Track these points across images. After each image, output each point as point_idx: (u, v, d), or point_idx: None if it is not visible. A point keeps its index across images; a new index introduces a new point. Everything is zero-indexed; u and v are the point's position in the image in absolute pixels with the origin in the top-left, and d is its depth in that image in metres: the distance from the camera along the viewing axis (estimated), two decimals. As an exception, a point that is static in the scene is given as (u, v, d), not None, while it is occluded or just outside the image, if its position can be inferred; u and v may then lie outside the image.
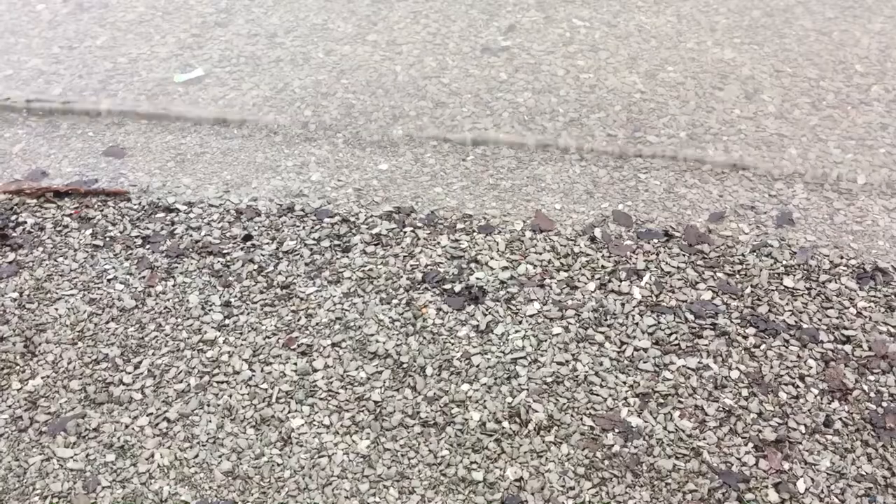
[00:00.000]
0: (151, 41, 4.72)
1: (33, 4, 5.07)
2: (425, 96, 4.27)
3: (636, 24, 4.77)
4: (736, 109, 4.12)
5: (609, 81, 4.33)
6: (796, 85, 4.26)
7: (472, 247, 3.39)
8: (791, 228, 3.47)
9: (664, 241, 3.42)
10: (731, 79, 4.32)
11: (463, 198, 3.68)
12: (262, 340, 3.03)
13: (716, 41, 4.60)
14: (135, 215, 3.60)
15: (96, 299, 3.20)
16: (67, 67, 4.52)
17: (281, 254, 3.39)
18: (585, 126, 4.05)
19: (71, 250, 3.42)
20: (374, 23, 4.87)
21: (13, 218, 3.58)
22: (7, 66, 4.54)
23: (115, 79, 4.43)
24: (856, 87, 4.24)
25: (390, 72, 4.47)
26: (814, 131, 3.97)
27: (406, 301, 3.16)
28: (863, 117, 4.04)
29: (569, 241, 3.42)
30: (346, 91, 4.33)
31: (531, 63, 4.49)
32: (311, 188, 3.75)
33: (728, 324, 3.04)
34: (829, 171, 3.74)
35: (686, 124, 4.04)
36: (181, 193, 3.73)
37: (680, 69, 4.40)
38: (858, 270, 3.25)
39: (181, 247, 3.43)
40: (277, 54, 4.61)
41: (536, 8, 4.93)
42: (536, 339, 3.00)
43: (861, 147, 3.87)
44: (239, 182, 3.79)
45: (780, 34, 4.63)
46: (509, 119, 4.10)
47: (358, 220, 3.55)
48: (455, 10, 4.95)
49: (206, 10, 4.99)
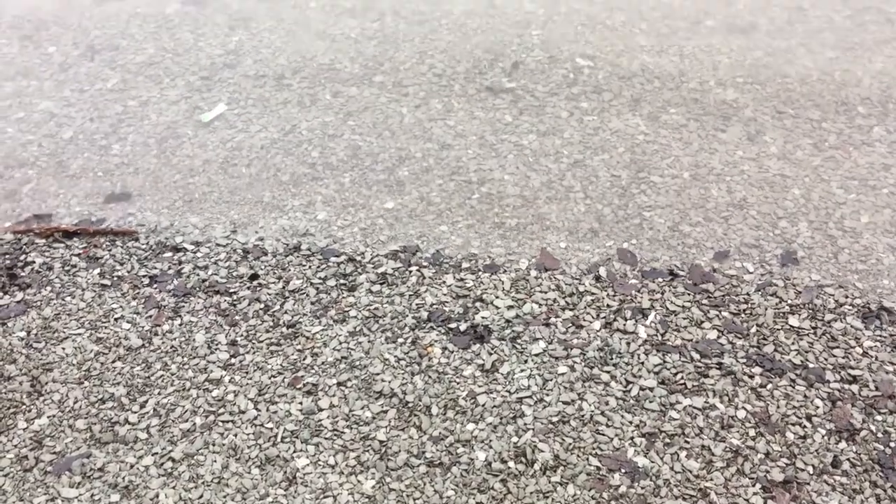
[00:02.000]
0: (161, 84, 4.79)
1: (45, 47, 5.16)
2: (431, 138, 4.32)
3: (640, 64, 4.83)
4: (739, 150, 4.16)
5: (612, 123, 4.37)
6: (798, 126, 4.30)
7: (477, 286, 3.41)
8: (796, 267, 3.47)
9: (669, 279, 3.43)
10: (733, 120, 4.36)
11: (468, 237, 3.70)
12: (267, 380, 3.03)
13: (718, 81, 4.66)
14: (143, 255, 3.63)
15: (103, 338, 3.22)
16: (79, 110, 4.59)
17: (287, 293, 3.41)
18: (589, 167, 4.09)
19: (79, 290, 3.44)
20: (380, 63, 4.94)
21: (22, 257, 3.61)
22: (19, 108, 4.61)
23: (125, 122, 4.49)
24: (858, 127, 4.27)
25: (396, 113, 4.52)
26: (816, 172, 4.00)
27: (412, 340, 3.17)
28: (865, 158, 4.07)
29: (574, 280, 3.43)
30: (352, 132, 4.38)
31: (535, 105, 4.54)
32: (317, 227, 3.78)
33: (734, 363, 3.03)
34: (833, 210, 3.76)
35: (689, 165, 4.07)
36: (189, 233, 3.76)
37: (682, 111, 4.45)
38: (864, 310, 3.25)
39: (188, 286, 3.45)
40: (285, 96, 4.68)
41: (541, 48, 5.00)
42: (542, 378, 2.99)
43: (864, 187, 3.89)
44: (246, 221, 3.83)
45: (782, 74, 4.68)
46: (514, 161, 4.14)
47: (364, 259, 3.57)
48: (460, 51, 5.02)
49: (215, 51, 5.07)
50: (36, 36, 5.22)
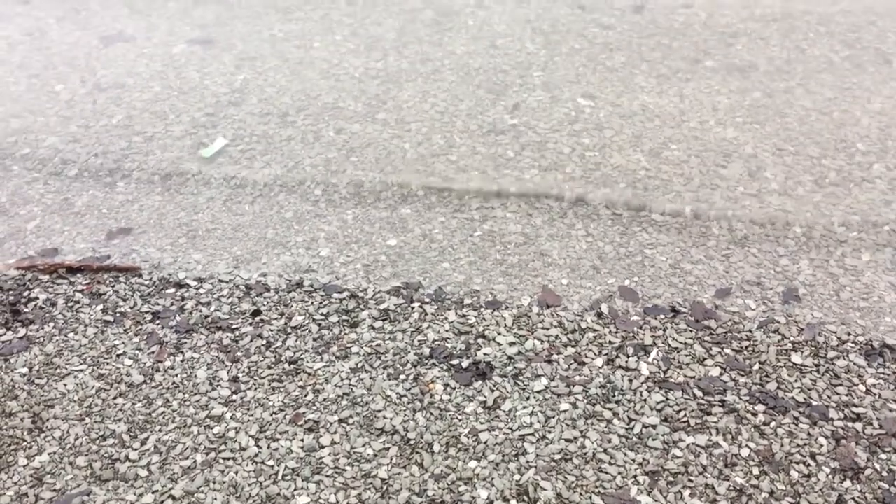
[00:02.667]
0: (166, 120, 4.84)
1: (52, 85, 5.22)
2: (433, 173, 4.35)
3: (640, 104, 4.88)
4: (740, 187, 4.18)
5: (614, 159, 4.41)
6: (799, 163, 4.33)
7: (479, 322, 3.41)
8: (797, 304, 3.48)
9: (671, 316, 3.43)
10: (734, 157, 4.39)
11: (470, 273, 3.71)
12: (269, 416, 3.02)
13: (718, 120, 4.70)
14: (146, 291, 3.64)
15: (105, 375, 3.21)
16: (84, 146, 4.63)
17: (289, 329, 3.41)
18: (591, 204, 4.11)
19: (81, 326, 3.45)
20: (383, 101, 4.99)
21: (26, 293, 3.62)
22: (25, 144, 4.66)
23: (129, 158, 4.54)
24: (857, 164, 4.30)
25: (399, 149, 4.56)
26: (817, 208, 4.02)
27: (414, 377, 3.16)
28: (865, 195, 4.09)
29: (576, 317, 3.43)
30: (355, 168, 4.41)
31: (537, 141, 4.57)
32: (320, 264, 3.79)
33: (737, 401, 3.02)
34: (834, 248, 3.77)
35: (691, 201, 4.09)
36: (192, 269, 3.78)
37: (683, 147, 4.48)
38: (866, 347, 3.25)
39: (190, 322, 3.45)
40: (289, 133, 4.72)
41: (542, 88, 5.05)
42: (544, 415, 2.98)
43: (865, 224, 3.90)
44: (249, 258, 3.84)
45: (782, 114, 4.72)
46: (516, 197, 4.17)
47: (366, 295, 3.58)
48: (463, 90, 5.07)
49: (221, 89, 5.13)
50: (44, 74, 5.29)
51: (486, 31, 5.66)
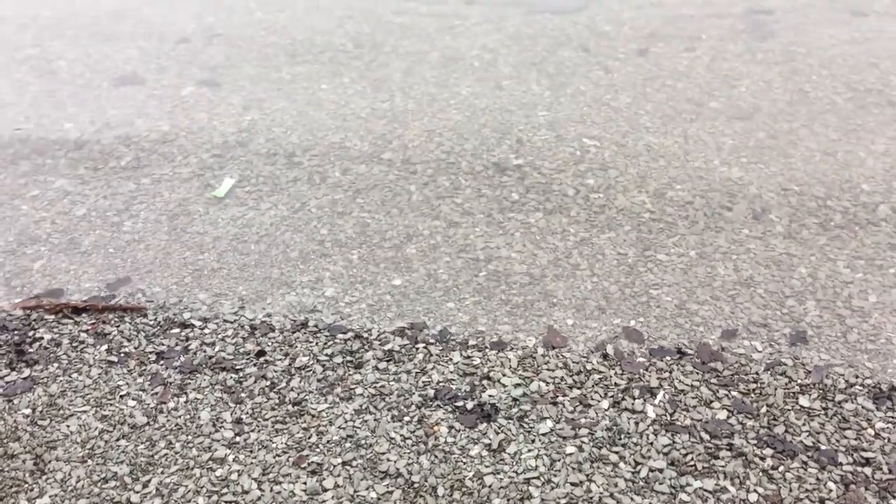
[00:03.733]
0: (174, 161, 4.88)
1: (61, 123, 5.28)
2: (439, 215, 4.37)
3: (645, 144, 4.90)
4: (744, 229, 4.18)
5: (618, 201, 4.42)
6: (804, 204, 4.34)
7: (484, 363, 3.39)
8: (804, 347, 3.46)
9: (677, 358, 3.41)
10: (738, 198, 4.40)
11: (475, 314, 3.71)
12: (272, 458, 3.00)
13: (723, 160, 4.72)
14: (150, 331, 3.64)
15: (108, 416, 3.20)
16: (92, 188, 4.67)
17: (293, 370, 3.40)
18: (596, 244, 4.11)
19: (86, 366, 3.44)
20: (389, 141, 5.03)
21: (31, 333, 3.63)
22: (34, 186, 4.70)
23: (137, 199, 4.57)
24: (863, 206, 4.30)
25: (405, 191, 4.58)
26: (823, 250, 4.01)
27: (418, 419, 3.14)
28: (871, 237, 4.09)
29: (581, 358, 3.42)
30: (361, 210, 4.44)
31: (542, 182, 4.60)
32: (325, 304, 3.79)
33: (745, 444, 2.99)
34: (840, 290, 3.76)
35: (695, 243, 4.10)
36: (197, 309, 3.78)
37: (688, 188, 4.49)
38: (875, 390, 3.22)
39: (195, 363, 3.45)
40: (295, 174, 4.76)
41: (547, 128, 5.09)
42: (549, 458, 2.95)
43: (871, 266, 3.89)
44: (254, 298, 3.85)
45: (786, 154, 4.74)
46: (521, 238, 4.18)
47: (371, 336, 3.57)
48: (468, 129, 5.11)
49: (228, 130, 5.18)
50: (54, 115, 5.35)
51: (491, 73, 5.72)
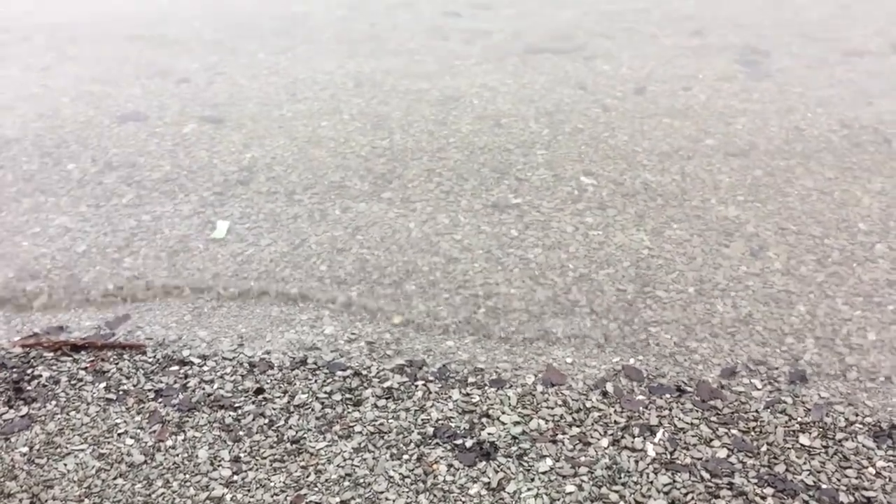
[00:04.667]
0: (175, 199, 4.92)
1: (64, 164, 5.32)
2: (438, 252, 4.39)
3: (642, 182, 4.94)
4: (742, 266, 4.20)
5: (617, 238, 4.44)
6: (801, 242, 4.36)
7: (483, 401, 3.39)
8: (804, 385, 3.45)
9: (676, 396, 3.40)
10: (736, 236, 4.43)
11: (474, 351, 3.71)
12: (269, 498, 2.98)
13: (720, 199, 4.75)
14: (149, 368, 3.64)
15: (106, 454, 3.19)
16: (94, 225, 4.70)
17: (292, 407, 3.39)
18: (595, 281, 4.13)
19: (84, 404, 3.43)
20: (389, 181, 5.07)
21: (29, 371, 3.62)
22: (35, 223, 4.72)
23: (138, 236, 4.59)
24: (860, 244, 4.33)
25: (404, 228, 4.61)
26: (821, 288, 4.03)
27: (417, 457, 3.13)
28: (869, 274, 4.10)
29: (581, 396, 3.41)
30: (360, 247, 4.45)
31: (541, 220, 4.62)
32: (324, 341, 3.79)
33: (745, 483, 2.97)
34: (839, 327, 3.77)
35: (694, 280, 4.11)
36: (196, 346, 3.78)
37: (686, 227, 4.52)
38: (875, 428, 3.21)
39: (193, 400, 3.44)
40: (296, 211, 4.78)
41: (545, 166, 5.13)
42: (549, 497, 2.94)
43: (869, 304, 3.90)
44: (253, 335, 3.85)
45: (783, 193, 4.77)
46: (520, 275, 4.19)
47: (370, 373, 3.57)
48: (467, 169, 5.15)
49: (229, 168, 5.21)
50: (56, 153, 5.40)
51: (490, 111, 5.78)
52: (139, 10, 7.46)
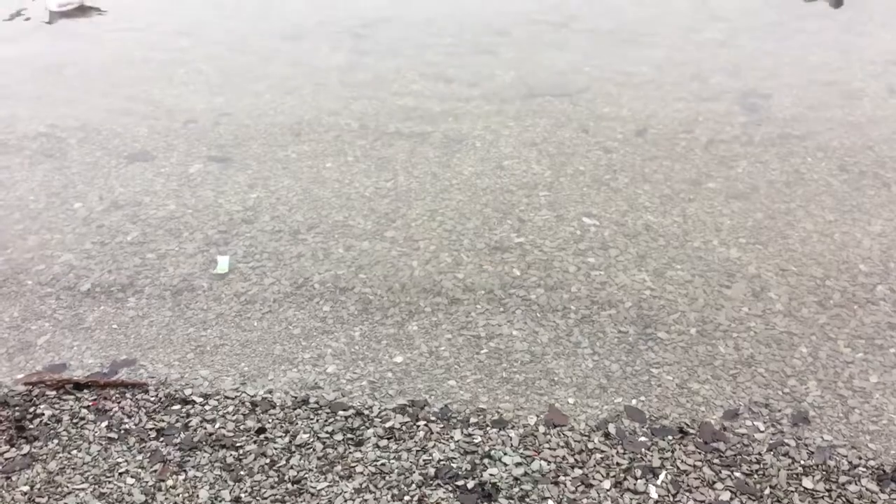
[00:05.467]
0: (180, 238, 4.95)
1: (70, 202, 5.36)
2: (440, 292, 4.41)
3: (644, 224, 4.97)
4: (744, 307, 4.21)
5: (619, 279, 4.46)
6: (802, 284, 4.38)
7: (485, 441, 3.38)
8: (807, 427, 3.44)
9: (679, 437, 3.39)
10: (737, 277, 4.45)
11: (476, 392, 3.71)
12: (270, 539, 2.97)
13: (721, 241, 4.77)
14: (151, 407, 3.64)
15: (106, 493, 3.18)
16: (98, 263, 4.72)
17: (293, 447, 3.38)
18: (597, 322, 4.14)
19: (85, 443, 3.43)
20: (392, 220, 5.10)
21: (32, 409, 3.62)
22: (40, 261, 4.75)
23: (142, 274, 4.62)
24: (861, 286, 4.34)
25: (407, 267, 4.63)
26: (823, 330, 4.03)
27: (418, 498, 3.11)
28: (870, 317, 4.11)
29: (583, 437, 3.40)
30: (364, 286, 4.48)
31: (543, 259, 4.65)
32: (326, 380, 3.80)
33: (748, 527, 2.96)
34: (841, 369, 3.77)
35: (696, 321, 4.12)
36: (198, 385, 3.78)
37: (688, 267, 4.54)
38: (878, 472, 3.20)
39: (195, 439, 3.43)
40: (299, 250, 4.81)
41: (548, 207, 5.16)
42: (551, 540, 2.92)
43: (871, 346, 3.91)
44: (256, 374, 3.85)
45: (784, 235, 4.80)
46: (522, 315, 4.20)
47: (372, 413, 3.57)
48: (470, 209, 5.19)
49: (234, 207, 5.25)
50: (63, 192, 5.44)
51: (493, 153, 5.83)
52: (147, 55, 7.58)
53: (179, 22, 8.40)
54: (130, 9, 8.75)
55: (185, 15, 8.54)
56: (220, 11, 8.63)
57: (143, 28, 8.34)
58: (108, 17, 8.70)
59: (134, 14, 8.65)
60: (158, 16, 8.57)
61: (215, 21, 8.36)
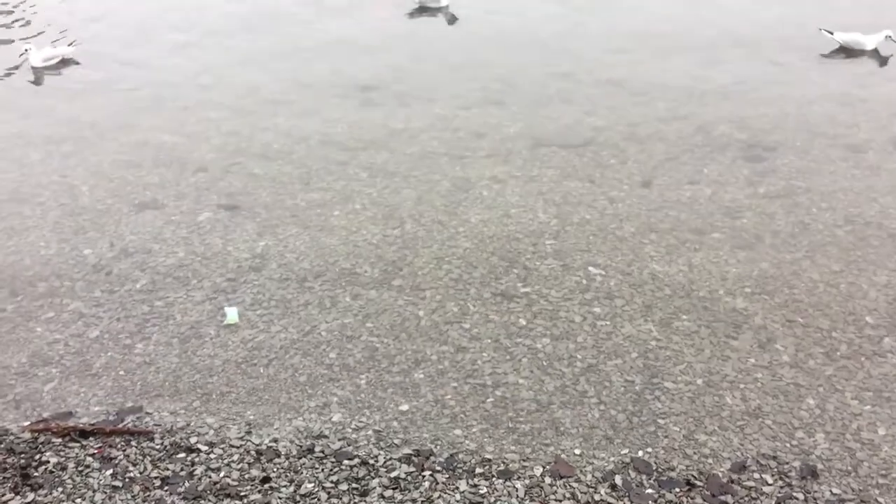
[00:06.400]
0: (188, 285, 4.98)
1: (80, 249, 5.41)
2: (447, 341, 4.42)
3: (650, 273, 4.99)
4: (751, 358, 4.21)
5: (625, 329, 4.47)
6: (809, 335, 4.37)
7: (491, 492, 3.36)
8: (815, 480, 3.42)
9: (686, 490, 3.37)
10: (744, 328, 4.45)
11: (482, 441, 3.69)
12: (273, 590, 2.94)
13: (727, 291, 4.78)
14: (156, 455, 3.63)
15: (109, 542, 3.16)
16: (107, 310, 4.75)
17: (298, 497, 3.36)
18: (603, 372, 4.13)
19: (90, 491, 3.42)
20: (399, 268, 5.13)
21: (37, 457, 3.62)
22: (50, 308, 4.79)
23: (150, 322, 4.64)
24: (868, 338, 4.34)
25: (414, 316, 4.65)
26: (830, 381, 4.02)
27: (423, 550, 3.09)
28: (878, 369, 4.10)
29: (589, 489, 3.38)
30: (370, 334, 4.49)
31: (549, 309, 4.66)
32: (331, 429, 3.79)
33: (757, 582, 2.92)
34: (849, 422, 3.75)
35: (702, 372, 4.12)
36: (204, 433, 3.78)
37: (693, 318, 4.55)
38: (888, 526, 3.16)
39: (199, 489, 3.42)
40: (307, 298, 4.84)
41: (554, 256, 5.19)
42: None
43: (879, 399, 3.89)
44: (261, 422, 3.85)
45: (790, 285, 4.81)
46: (528, 364, 4.21)
47: (377, 462, 3.55)
48: (476, 257, 5.22)
49: (243, 255, 5.30)
50: (73, 240, 5.50)
51: (499, 202, 5.88)
52: (158, 106, 7.69)
53: (194, 70, 8.54)
54: (141, 56, 8.90)
55: (198, 62, 8.69)
56: (230, 57, 8.78)
57: (154, 75, 8.48)
58: (114, 68, 8.82)
59: (149, 62, 8.79)
60: (171, 62, 8.71)
61: (227, 68, 8.50)
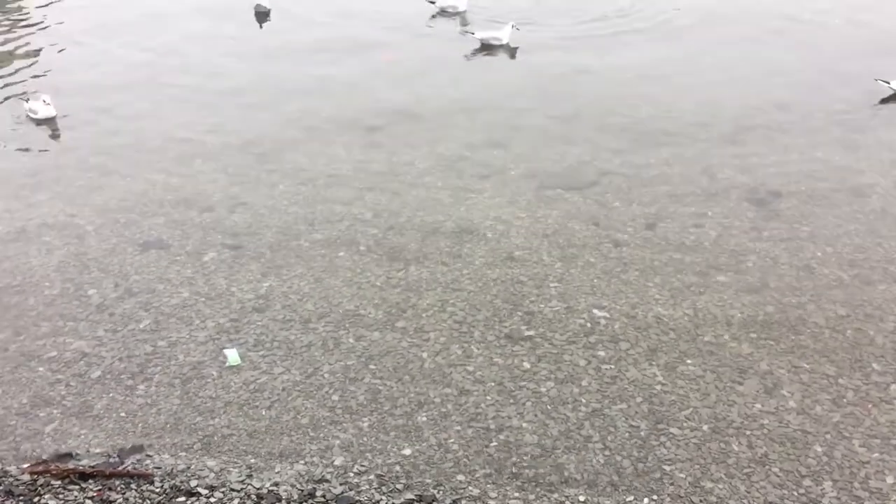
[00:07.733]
0: (192, 325, 4.98)
1: (85, 289, 5.42)
2: (450, 384, 4.39)
3: (654, 316, 4.97)
4: (757, 404, 4.17)
5: (630, 373, 4.44)
6: (815, 381, 4.34)
7: (494, 541, 3.31)
8: (824, 529, 3.37)
9: (693, 539, 3.32)
10: (749, 373, 4.42)
11: (485, 487, 3.65)
12: None
13: (732, 335, 4.76)
14: (156, 499, 3.59)
15: (106, 588, 3.11)
16: (109, 350, 4.75)
17: (299, 543, 3.32)
18: (608, 416, 4.10)
19: (88, 534, 3.38)
20: (403, 310, 5.12)
21: (36, 500, 3.58)
22: (52, 347, 4.78)
23: (153, 362, 4.63)
24: (875, 384, 4.30)
25: (417, 358, 4.63)
26: (837, 428, 3.98)
27: None
28: (885, 416, 4.06)
29: (594, 537, 3.33)
30: (373, 376, 4.47)
31: (553, 352, 4.64)
32: (333, 473, 3.76)
33: None
34: (857, 469, 3.70)
35: (708, 417, 4.08)
36: (204, 476, 3.75)
37: (699, 362, 4.52)
38: (899, 578, 3.11)
39: (199, 533, 3.38)
40: (310, 339, 4.83)
41: (558, 299, 5.18)
42: None
43: (887, 446, 3.85)
44: (262, 466, 3.82)
45: (795, 331, 4.78)
46: (532, 408, 4.18)
47: (379, 508, 3.51)
48: (481, 300, 5.21)
49: (246, 296, 5.29)
50: (78, 279, 5.51)
51: (504, 244, 5.89)
52: (165, 145, 7.75)
53: (197, 112, 8.61)
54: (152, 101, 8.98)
55: (204, 107, 8.76)
56: (236, 99, 8.85)
57: (162, 118, 8.55)
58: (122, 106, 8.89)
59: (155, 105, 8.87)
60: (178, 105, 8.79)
61: (233, 111, 8.56)
